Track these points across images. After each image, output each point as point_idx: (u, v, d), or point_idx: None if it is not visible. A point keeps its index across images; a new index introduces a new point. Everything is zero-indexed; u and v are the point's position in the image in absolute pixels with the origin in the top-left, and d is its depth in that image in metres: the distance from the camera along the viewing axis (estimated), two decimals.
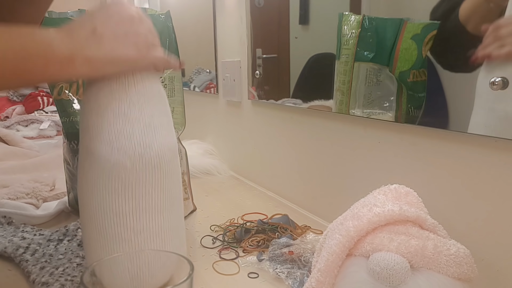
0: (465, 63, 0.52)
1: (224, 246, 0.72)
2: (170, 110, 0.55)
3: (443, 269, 0.43)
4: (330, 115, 0.80)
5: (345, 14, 0.71)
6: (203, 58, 1.36)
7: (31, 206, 0.87)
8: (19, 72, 0.41)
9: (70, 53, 0.44)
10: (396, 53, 0.63)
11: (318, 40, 0.84)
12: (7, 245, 0.68)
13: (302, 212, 0.90)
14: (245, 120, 1.15)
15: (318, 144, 0.85)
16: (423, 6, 0.59)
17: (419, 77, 0.61)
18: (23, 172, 1.12)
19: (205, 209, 0.91)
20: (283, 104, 0.95)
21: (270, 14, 0.99)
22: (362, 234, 0.47)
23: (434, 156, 0.60)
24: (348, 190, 0.78)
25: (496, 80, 0.48)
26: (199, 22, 1.39)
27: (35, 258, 0.64)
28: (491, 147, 0.52)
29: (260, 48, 1.03)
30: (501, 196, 0.51)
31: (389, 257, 0.43)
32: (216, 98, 1.30)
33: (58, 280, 0.57)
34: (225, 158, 1.29)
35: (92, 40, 0.45)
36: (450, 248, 0.44)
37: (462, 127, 0.55)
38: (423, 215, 0.49)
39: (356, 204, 0.54)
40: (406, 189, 0.55)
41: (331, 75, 0.76)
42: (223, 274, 0.63)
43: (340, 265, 0.47)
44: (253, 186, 1.09)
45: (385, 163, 0.69)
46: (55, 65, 0.43)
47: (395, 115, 0.65)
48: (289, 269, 0.60)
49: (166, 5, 1.72)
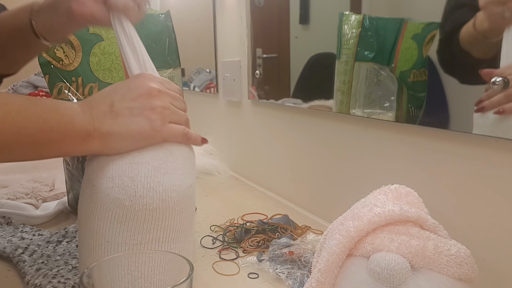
0: (472, 78, 0.52)
1: (224, 247, 0.71)
2: (194, 156, 0.53)
3: (444, 269, 0.43)
4: (330, 115, 0.80)
5: (346, 14, 0.71)
6: (203, 57, 1.36)
7: (30, 206, 0.86)
8: (35, 145, 0.41)
9: (88, 129, 0.44)
10: (396, 53, 0.63)
11: (318, 39, 0.84)
12: (6, 245, 0.68)
13: (302, 212, 0.90)
14: (245, 120, 1.14)
15: (318, 144, 0.85)
16: (423, 6, 0.59)
17: (419, 77, 0.61)
18: (22, 172, 1.12)
19: (205, 209, 0.91)
20: (283, 104, 0.95)
21: (270, 13, 0.99)
22: (362, 234, 0.47)
23: (435, 156, 0.60)
24: (348, 190, 0.78)
25: (496, 80, 0.48)
26: (199, 21, 1.39)
27: (33, 259, 0.64)
28: (491, 147, 0.52)
29: (260, 47, 1.02)
30: (502, 196, 0.51)
31: (390, 257, 0.43)
32: (216, 98, 1.30)
33: (51, 282, 0.57)
34: (225, 158, 1.29)
35: (109, 116, 0.45)
36: (451, 249, 0.44)
37: (462, 127, 0.54)
38: (423, 215, 0.49)
39: (357, 204, 0.54)
40: (407, 189, 0.55)
41: (331, 75, 0.76)
42: (223, 274, 0.63)
43: (341, 265, 0.47)
44: (253, 186, 1.09)
45: (386, 163, 0.68)
46: (73, 140, 0.43)
47: (396, 115, 0.65)
48: (289, 270, 0.60)
49: (166, 5, 1.72)
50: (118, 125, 0.46)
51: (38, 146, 0.42)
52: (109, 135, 0.45)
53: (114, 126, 0.45)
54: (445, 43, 0.55)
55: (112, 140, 0.46)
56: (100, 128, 0.45)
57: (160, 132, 0.48)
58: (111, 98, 0.47)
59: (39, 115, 0.41)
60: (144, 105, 0.47)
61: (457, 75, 0.55)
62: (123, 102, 0.46)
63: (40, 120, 0.41)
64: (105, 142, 0.46)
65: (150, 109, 0.47)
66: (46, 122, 0.41)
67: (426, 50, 0.59)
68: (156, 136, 0.48)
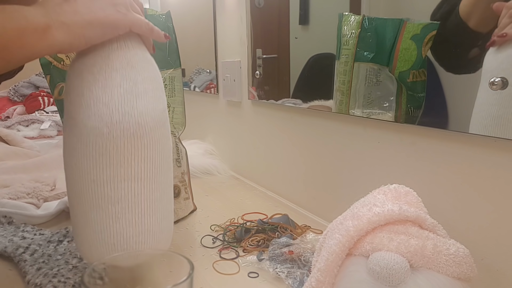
0: (468, 63, 0.52)
1: (224, 246, 0.72)
2: (161, 77, 0.53)
3: (443, 268, 0.43)
4: (330, 115, 0.80)
5: (345, 15, 0.71)
6: (204, 58, 1.36)
7: (31, 206, 0.87)
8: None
9: (44, 20, 0.43)
10: (395, 53, 0.63)
11: (318, 40, 0.84)
12: (7, 245, 0.68)
13: (302, 212, 0.90)
14: (245, 120, 1.15)
15: (318, 144, 0.85)
16: (422, 7, 0.59)
17: (418, 77, 0.61)
18: (24, 172, 1.12)
19: (205, 209, 0.91)
20: (283, 104, 0.95)
21: (270, 14, 0.99)
22: (362, 234, 0.47)
23: (434, 156, 0.60)
24: (347, 190, 0.78)
25: (495, 80, 0.48)
26: (199, 22, 1.39)
27: (34, 259, 0.64)
28: (491, 147, 0.52)
29: (260, 48, 1.03)
30: (501, 196, 0.51)
31: (389, 256, 0.43)
32: (216, 98, 1.30)
33: (51, 281, 0.57)
34: (225, 158, 1.29)
35: (66, 5, 0.44)
36: (450, 248, 0.44)
37: (462, 127, 0.55)
38: (422, 214, 0.49)
39: (356, 204, 0.54)
40: (406, 189, 0.55)
41: (331, 75, 0.76)
42: (223, 273, 0.63)
43: (340, 264, 0.47)
44: (253, 186, 1.09)
45: (385, 163, 0.69)
46: (31, 35, 0.42)
47: (395, 115, 0.65)
48: (289, 269, 0.60)
49: (167, 6, 1.72)
50: (80, 12, 0.45)
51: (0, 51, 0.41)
52: (73, 23, 0.44)
53: (76, 15, 0.44)
54: (443, 21, 0.55)
55: (77, 27, 0.44)
56: (58, 17, 0.43)
57: (127, 15, 0.48)
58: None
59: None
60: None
61: (452, 63, 0.55)
62: None
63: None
64: (71, 31, 0.44)
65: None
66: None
67: (425, 50, 0.59)
68: (123, 20, 0.47)
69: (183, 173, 0.85)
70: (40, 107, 2.06)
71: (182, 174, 0.85)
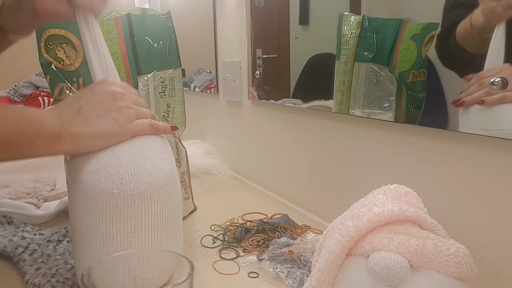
0: (469, 72, 0.53)
1: (224, 246, 0.72)
2: (169, 145, 0.56)
3: (443, 268, 0.43)
4: (330, 115, 0.80)
5: (345, 15, 0.71)
6: (204, 58, 1.36)
7: (31, 205, 0.87)
8: (8, 145, 0.44)
9: (58, 130, 0.46)
10: (395, 53, 0.63)
11: (318, 40, 0.84)
12: (7, 245, 0.68)
13: (302, 212, 0.90)
14: (245, 120, 1.15)
15: (318, 144, 0.85)
16: (422, 7, 0.59)
17: (418, 77, 0.61)
18: (24, 172, 1.12)
19: (205, 209, 0.91)
20: (283, 104, 0.95)
21: (270, 14, 0.99)
22: (362, 234, 0.47)
23: (434, 156, 0.60)
24: (347, 190, 0.78)
25: (496, 80, 0.48)
26: (199, 22, 1.39)
27: (33, 258, 0.64)
28: (490, 147, 0.52)
29: (260, 48, 1.03)
30: (501, 196, 0.51)
31: (389, 256, 0.43)
32: (216, 98, 1.30)
33: (50, 281, 0.57)
34: (225, 158, 1.29)
35: (77, 118, 0.48)
36: (450, 248, 0.44)
37: (461, 127, 0.55)
38: (422, 214, 0.49)
39: (356, 204, 0.54)
40: (406, 189, 0.55)
41: (331, 75, 0.76)
42: (223, 273, 0.63)
43: (340, 264, 0.47)
44: (253, 186, 1.09)
45: (385, 163, 0.69)
46: (44, 140, 0.46)
47: (395, 115, 0.65)
48: (289, 269, 0.60)
49: (167, 6, 1.72)
50: (88, 125, 0.49)
51: (11, 147, 0.44)
52: (80, 135, 0.48)
53: (83, 127, 0.48)
54: (443, 39, 0.56)
55: (83, 139, 0.48)
56: (70, 129, 0.47)
57: (128, 129, 0.51)
58: (78, 103, 0.50)
59: (10, 118, 0.44)
60: (110, 107, 0.50)
61: (455, 69, 0.56)
62: (89, 105, 0.50)
63: (11, 122, 0.44)
64: (77, 142, 0.48)
65: (116, 109, 0.50)
66: (17, 124, 0.44)
67: (425, 50, 0.59)
68: (125, 133, 0.51)
69: (183, 173, 0.85)
70: (40, 107, 2.06)
71: (182, 174, 0.85)
